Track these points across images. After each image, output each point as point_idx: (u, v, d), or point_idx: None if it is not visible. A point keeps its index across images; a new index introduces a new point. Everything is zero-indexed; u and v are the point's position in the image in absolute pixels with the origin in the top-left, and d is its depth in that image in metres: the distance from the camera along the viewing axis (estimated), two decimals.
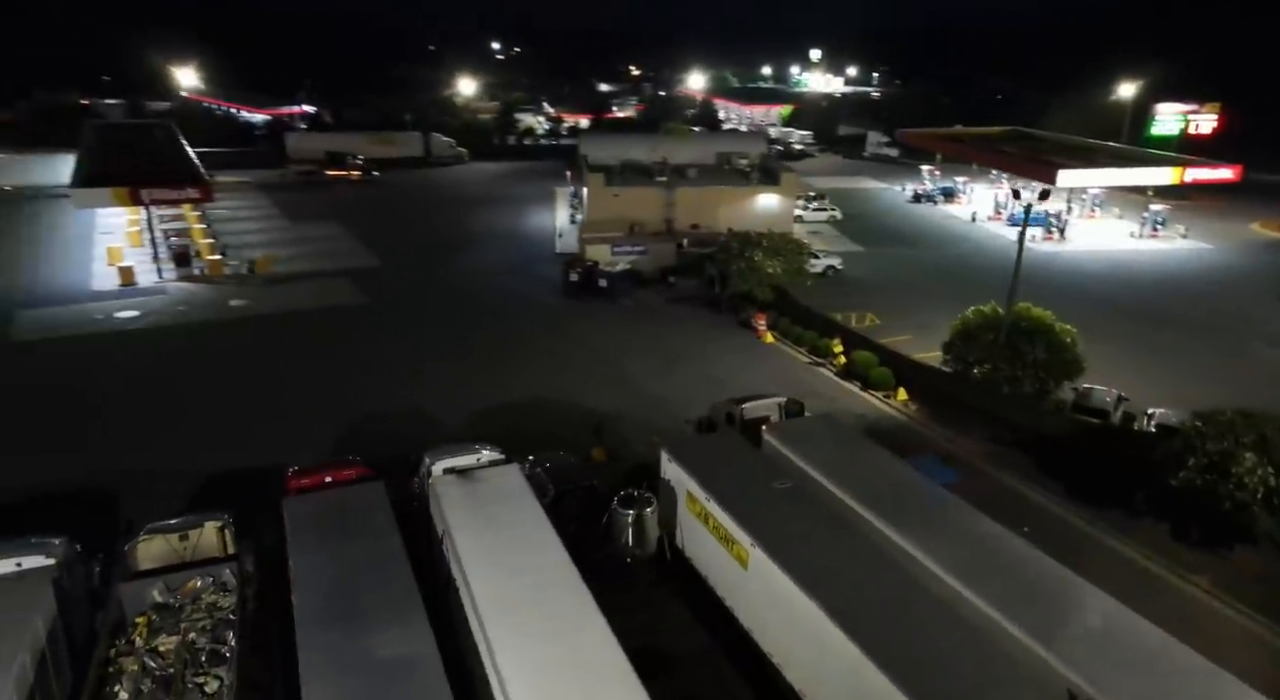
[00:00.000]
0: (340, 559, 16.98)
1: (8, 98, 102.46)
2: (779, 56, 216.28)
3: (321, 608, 15.49)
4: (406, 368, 35.59)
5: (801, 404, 27.49)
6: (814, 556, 17.75)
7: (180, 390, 33.02)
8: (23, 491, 24.92)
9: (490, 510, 19.06)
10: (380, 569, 16.75)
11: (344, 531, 17.95)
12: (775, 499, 19.99)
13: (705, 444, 23.69)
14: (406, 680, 13.89)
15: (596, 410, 31.47)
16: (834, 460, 22.02)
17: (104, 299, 43.22)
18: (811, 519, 19.24)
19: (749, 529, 18.81)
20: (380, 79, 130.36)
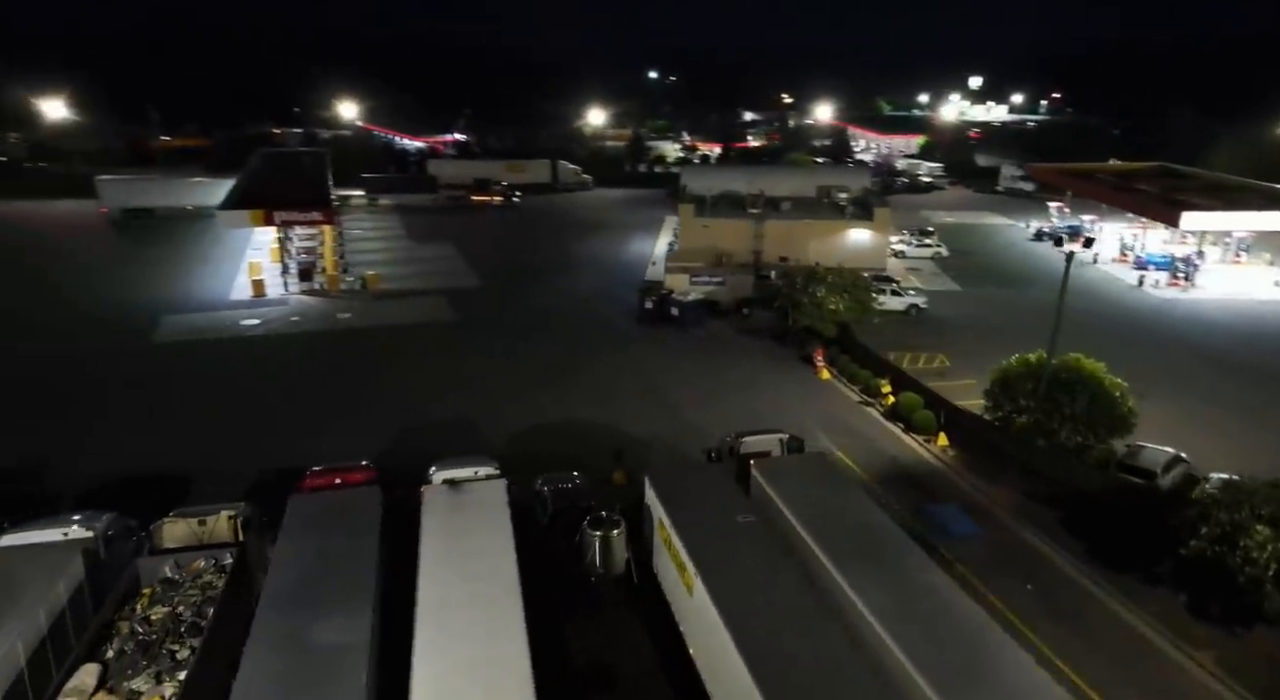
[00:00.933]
0: (316, 552, 19.34)
1: (209, 127, 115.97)
2: (941, 82, 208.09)
3: (284, 593, 17.84)
4: (467, 381, 38.38)
5: (801, 441, 27.89)
6: (745, 590, 18.52)
7: (274, 391, 37.10)
8: (126, 471, 29.15)
9: (462, 520, 21.01)
10: (347, 564, 18.96)
11: (329, 529, 20.34)
12: (732, 531, 20.80)
13: (688, 474, 24.69)
14: (332, 663, 15.86)
15: (633, 434, 33.00)
16: (809, 499, 22.51)
17: (236, 308, 48.92)
18: (758, 554, 19.94)
19: (695, 557, 19.80)
20: (527, 110, 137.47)
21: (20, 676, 16.07)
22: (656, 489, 22.85)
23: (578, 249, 66.16)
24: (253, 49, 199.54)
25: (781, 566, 19.51)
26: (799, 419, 35.08)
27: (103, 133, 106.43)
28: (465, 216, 79.29)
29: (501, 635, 16.79)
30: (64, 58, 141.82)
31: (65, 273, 55.44)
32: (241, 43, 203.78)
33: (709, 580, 18.84)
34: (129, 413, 34.59)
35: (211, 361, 40.77)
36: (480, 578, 18.65)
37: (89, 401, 35.52)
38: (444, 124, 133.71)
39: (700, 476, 24.07)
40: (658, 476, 23.61)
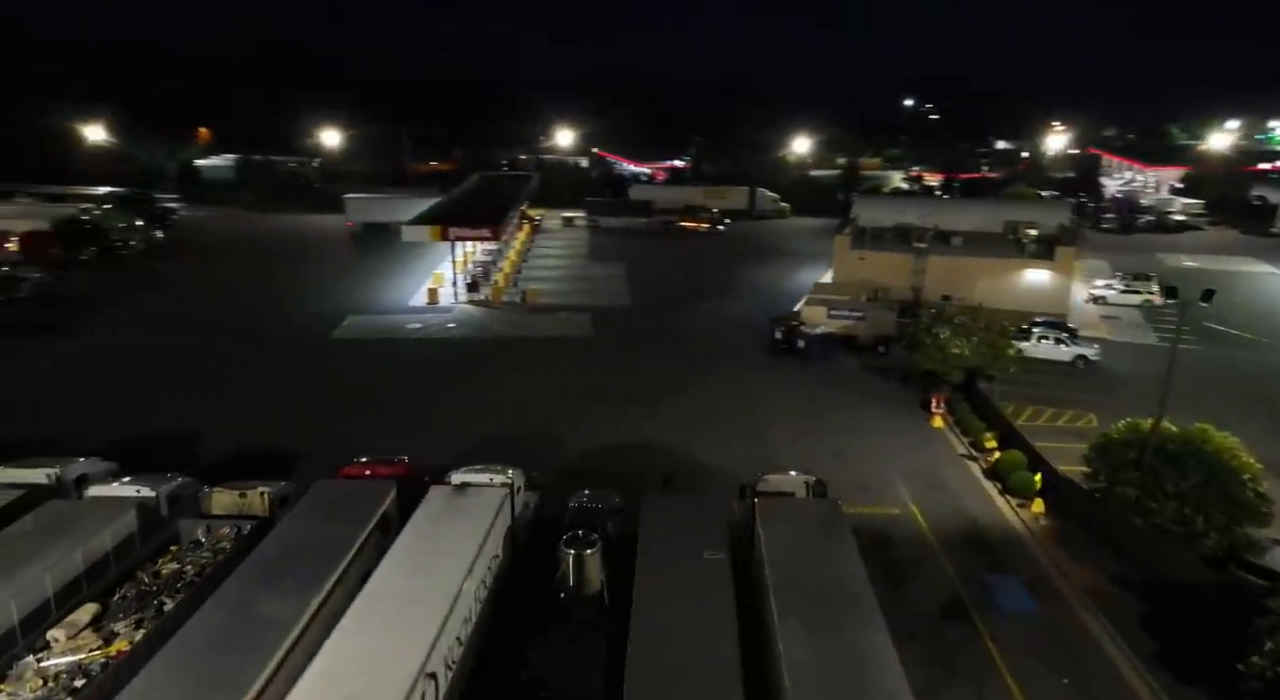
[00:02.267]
0: (306, 533, 21.50)
1: (455, 151, 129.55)
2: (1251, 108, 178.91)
3: (256, 565, 20.03)
4: (573, 393, 39.91)
5: (825, 485, 26.32)
6: (663, 625, 18.24)
7: (403, 387, 40.88)
8: (256, 445, 33.74)
9: (445, 520, 22.32)
10: (326, 547, 20.86)
11: (332, 514, 22.46)
12: (691, 566, 20.41)
13: (682, 505, 24.25)
14: (255, 634, 17.50)
15: (704, 461, 32.84)
16: (792, 544, 21.43)
17: (408, 313, 54.33)
18: (701, 592, 19.44)
19: (642, 583, 19.78)
20: (745, 138, 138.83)
21: (45, 605, 19.44)
22: (646, 515, 22.89)
23: (745, 276, 66.06)
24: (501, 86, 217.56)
25: (716, 607, 18.86)
26: (886, 466, 33.08)
27: (374, 159, 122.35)
28: (660, 241, 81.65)
29: (411, 632, 17.69)
30: (355, 98, 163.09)
31: (292, 275, 64.39)
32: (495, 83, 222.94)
33: (638, 609, 18.72)
34: (279, 396, 39.69)
35: (368, 357, 45.60)
36: (423, 573, 19.74)
37: (252, 385, 41.21)
38: (672, 151, 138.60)
39: (693, 508, 23.63)
40: (652, 504, 23.59)
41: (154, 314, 53.50)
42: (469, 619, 19.93)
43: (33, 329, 49.21)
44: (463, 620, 19.46)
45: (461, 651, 19.39)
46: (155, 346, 46.89)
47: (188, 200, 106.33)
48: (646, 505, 23.52)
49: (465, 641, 19.69)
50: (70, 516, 21.93)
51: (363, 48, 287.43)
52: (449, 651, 18.34)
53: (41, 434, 33.53)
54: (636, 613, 18.61)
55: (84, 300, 56.14)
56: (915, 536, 28.36)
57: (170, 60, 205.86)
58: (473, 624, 20.38)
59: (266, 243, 78.89)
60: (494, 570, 22.51)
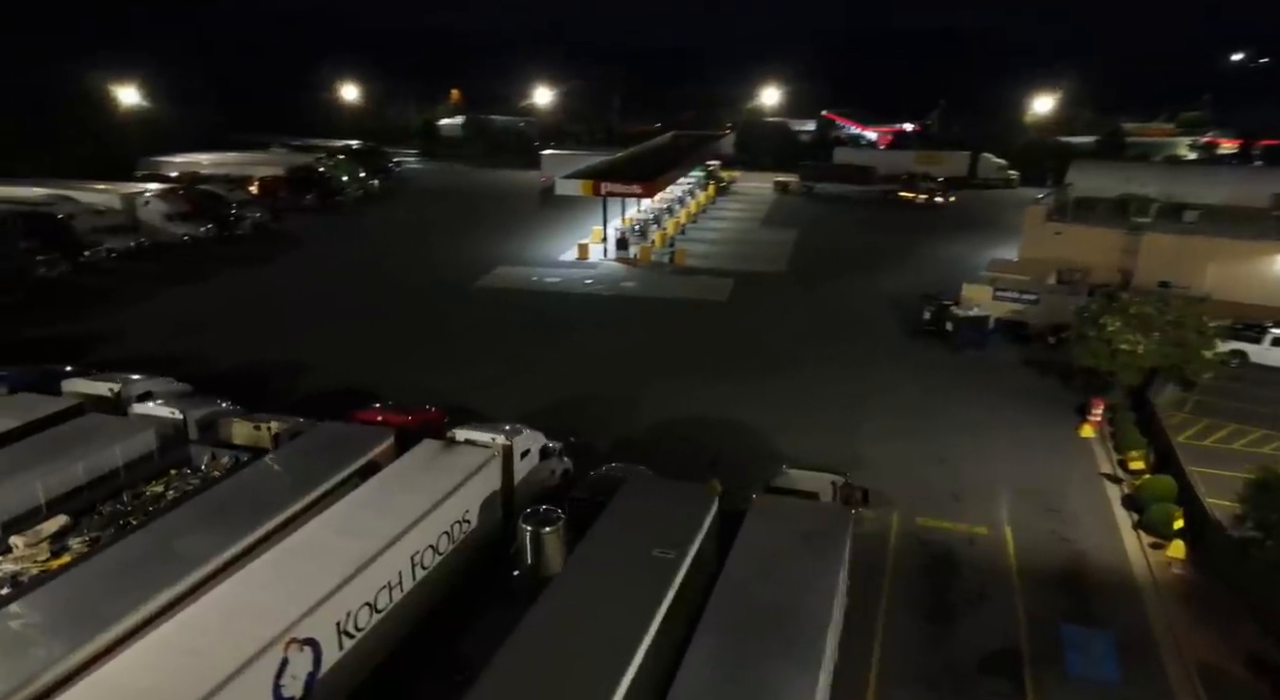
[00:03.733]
0: (276, 473, 21.19)
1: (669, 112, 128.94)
2: None
3: (210, 499, 19.92)
4: (674, 359, 37.26)
5: (864, 491, 21.78)
6: (564, 624, 15.80)
7: (515, 338, 40.31)
8: (352, 382, 34.80)
9: (411, 476, 21.08)
10: (279, 489, 20.40)
11: (309, 457, 22.03)
12: (632, 560, 17.63)
13: (664, 491, 21.05)
14: (173, 566, 17.35)
15: (778, 449, 29.23)
16: (766, 550, 17.88)
17: (555, 267, 54.07)
18: (625, 590, 16.64)
19: (564, 577, 17.44)
20: (990, 98, 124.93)
21: (35, 511, 20.48)
22: (618, 499, 20.25)
23: (934, 249, 59.08)
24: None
25: (634, 613, 15.97)
26: (995, 477, 27.60)
27: (588, 120, 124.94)
28: (863, 210, 74.97)
29: (297, 591, 16.47)
30: (573, 62, 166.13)
31: (471, 225, 66.64)
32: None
33: (538, 607, 16.37)
34: (394, 337, 40.66)
35: (495, 307, 45.69)
36: (356, 533, 18.55)
37: (376, 325, 42.62)
38: (909, 114, 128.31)
39: (674, 497, 20.50)
40: (632, 488, 20.82)
41: (330, 254, 57.44)
42: (393, 586, 18.50)
43: (233, 261, 54.63)
44: (381, 586, 18.07)
45: (379, 619, 18.05)
46: (310, 284, 50.19)
47: (425, 155, 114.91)
48: (627, 488, 20.83)
49: (389, 609, 18.33)
50: (92, 430, 23.18)
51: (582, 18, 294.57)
52: (347, 617, 17.03)
53: (179, 352, 37.09)
54: (534, 610, 16.24)
55: (286, 239, 61.64)
56: (993, 565, 23.16)
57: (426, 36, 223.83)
58: (406, 592, 18.96)
59: (466, 194, 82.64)
60: (458, 537, 20.94)
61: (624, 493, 20.57)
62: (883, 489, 26.61)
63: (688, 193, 72.81)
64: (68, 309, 44.41)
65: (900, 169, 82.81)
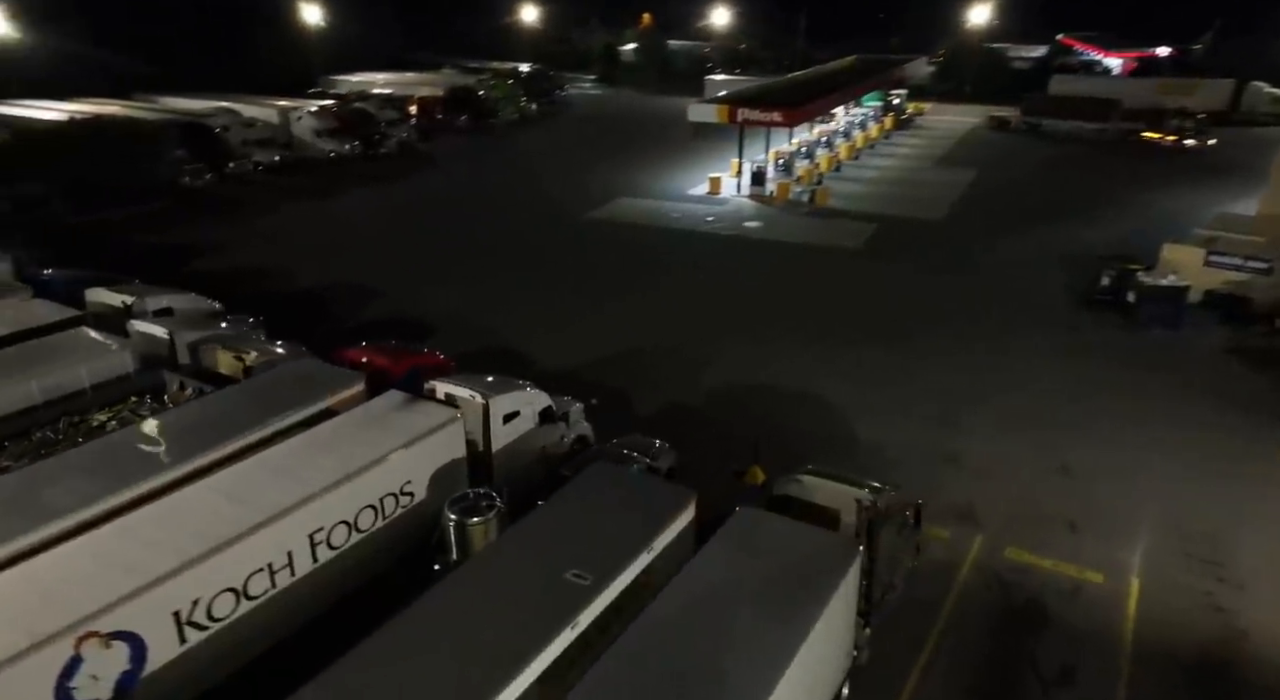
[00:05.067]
0: (215, 410, 18.70)
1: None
2: None
3: (134, 435, 17.66)
4: (767, 317, 31.81)
5: (918, 508, 15.92)
6: (410, 647, 11.98)
7: (605, 277, 36.15)
8: (417, 313, 32.45)
9: (351, 432, 17.88)
10: (211, 429, 17.80)
11: (265, 394, 19.33)
12: (542, 579, 13.42)
13: (630, 488, 16.24)
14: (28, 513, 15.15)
15: (855, 439, 23.62)
16: (711, 582, 12.99)
17: (681, 200, 49.05)
18: (513, 614, 12.53)
19: (451, 583, 13.66)
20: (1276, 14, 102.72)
21: None
22: (561, 493, 15.96)
23: (1148, 200, 48.27)
24: None
25: (494, 657, 11.83)
26: (1140, 506, 20.65)
27: (774, 44, 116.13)
28: (1094, 153, 62.08)
29: (137, 566, 13.71)
30: None
31: (611, 152, 62.62)
32: None
33: (400, 620, 12.67)
34: (481, 267, 37.77)
35: (600, 241, 41.68)
36: (248, 496, 15.55)
37: (468, 252, 39.84)
38: (1176, 37, 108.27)
39: (637, 497, 15.77)
40: (588, 480, 16.36)
41: (459, 177, 55.55)
42: (277, 569, 15.34)
43: (364, 179, 54.08)
44: (257, 568, 14.97)
45: (251, 609, 15.02)
46: (424, 206, 48.41)
47: (603, 81, 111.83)
48: (585, 474, 16.44)
49: (270, 597, 15.27)
50: (68, 347, 21.75)
51: None
52: (193, 606, 14.05)
53: (270, 266, 37.09)
54: (381, 632, 12.49)
55: (425, 160, 60.63)
56: (1097, 629, 16.78)
57: None
58: (301, 577, 15.80)
59: (623, 121, 78.62)
60: (393, 513, 17.48)
61: (575, 485, 16.20)
62: (971, 502, 20.52)
63: (855, 124, 64.63)
64: (196, 218, 45.23)
65: (1144, 102, 68.36)
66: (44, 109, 59.02)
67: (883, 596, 16.07)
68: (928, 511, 18.03)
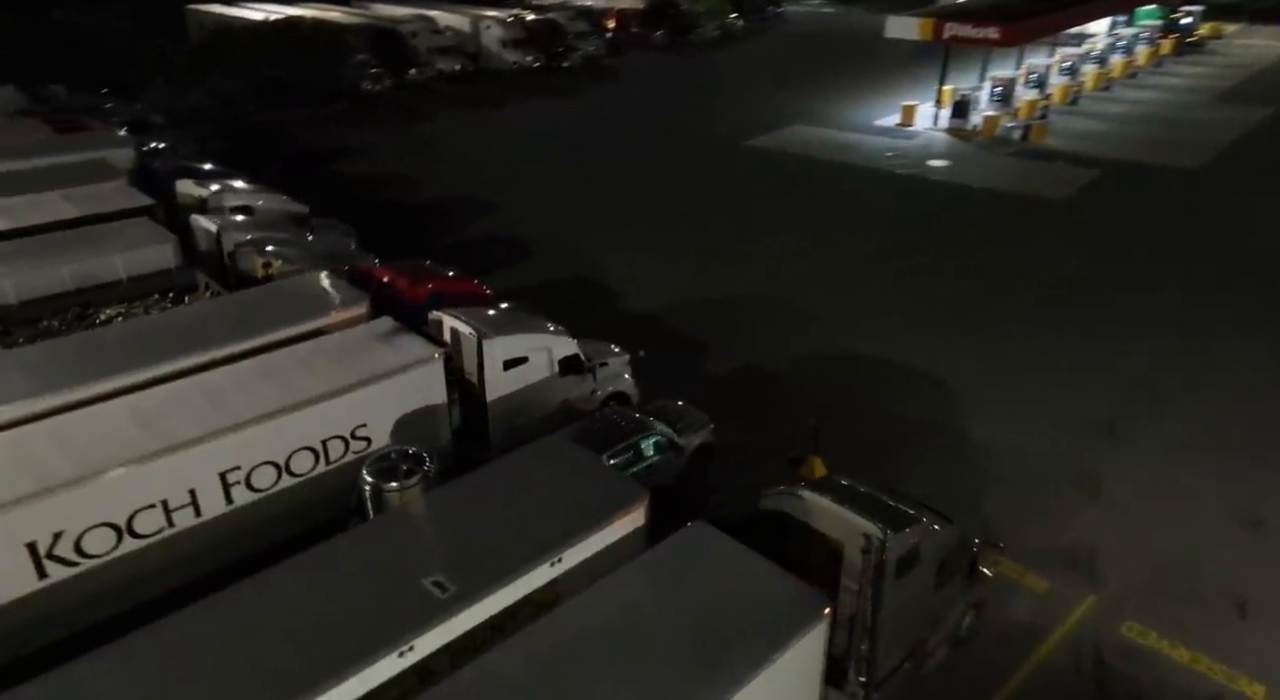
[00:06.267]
0: (213, 316, 17.44)
1: None
2: None
3: (121, 333, 16.60)
4: (900, 279, 26.18)
5: (975, 549, 11.07)
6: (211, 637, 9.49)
7: (746, 209, 31.93)
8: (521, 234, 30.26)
9: (313, 361, 15.68)
10: (199, 334, 16.31)
11: (269, 305, 17.79)
12: (398, 580, 10.46)
13: (573, 474, 12.46)
14: None
15: (966, 440, 18.43)
16: (602, 619, 9.41)
17: (862, 130, 42.61)
18: (346, 622, 9.68)
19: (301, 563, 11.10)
20: None
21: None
22: (485, 471, 12.73)
23: None
24: None
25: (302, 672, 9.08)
26: None
27: None
28: None
29: None
30: None
31: (802, 75, 56.25)
32: None
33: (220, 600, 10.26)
34: (610, 191, 34.52)
35: (752, 171, 36.96)
36: (155, 427, 13.65)
37: (604, 174, 36.59)
38: None
39: (578, 487, 12.12)
40: (526, 457, 12.96)
41: (635, 94, 52.07)
42: (175, 508, 13.44)
43: (537, 92, 52.13)
44: (146, 504, 13.13)
45: (137, 549, 13.26)
46: (586, 122, 45.52)
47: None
48: (513, 456, 13.09)
49: (164, 539, 13.47)
50: (118, 235, 21.13)
51: None
52: (55, 538, 12.41)
53: (407, 173, 36.17)
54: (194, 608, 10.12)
55: (607, 75, 57.63)
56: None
57: None
58: (206, 519, 13.85)
59: (835, 41, 70.62)
60: (339, 459, 15.08)
61: (506, 462, 12.90)
62: (1095, 547, 15.03)
63: (1116, 47, 53.42)
64: (362, 122, 45.33)
65: None
66: (251, 9, 61.49)
67: (900, 666, 11.65)
68: (1024, 550, 13.11)
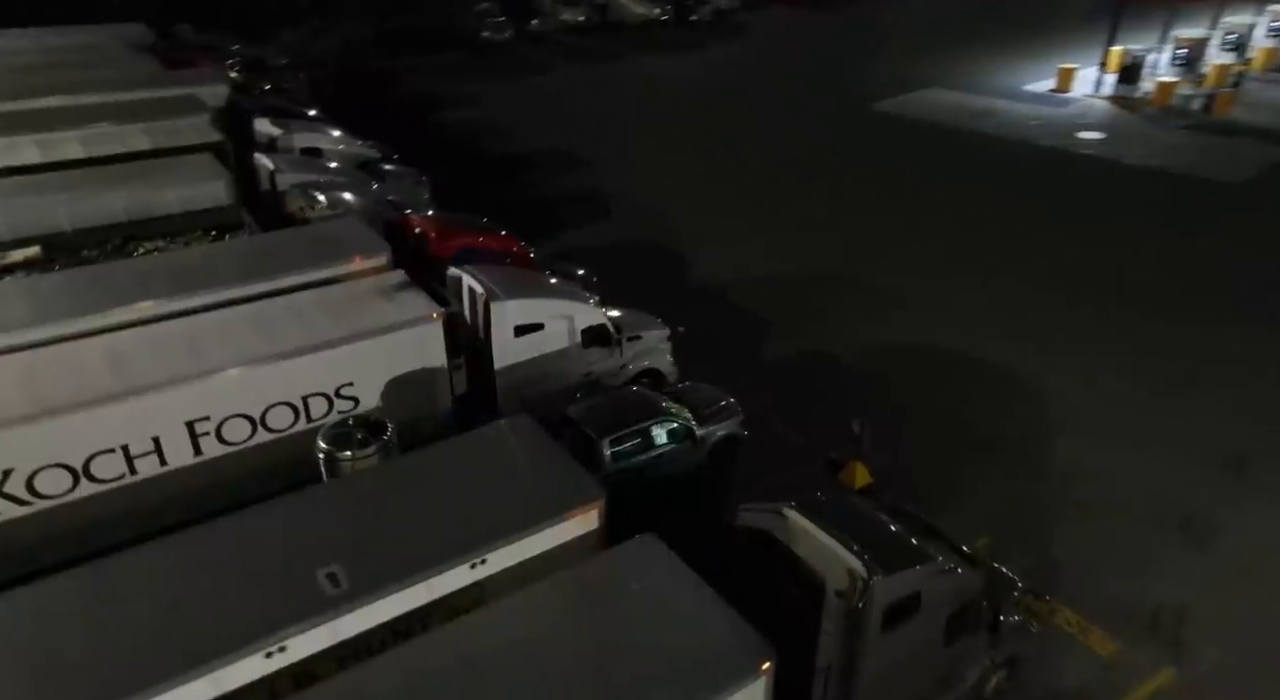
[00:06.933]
0: (230, 258, 16.84)
1: None
2: None
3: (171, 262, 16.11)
4: (1009, 280, 22.74)
5: (996, 605, 8.68)
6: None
7: (837, 181, 29.17)
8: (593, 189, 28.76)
9: (305, 311, 14.71)
10: (201, 279, 15.63)
11: (282, 252, 16.92)
12: (283, 570, 9.22)
13: (525, 462, 10.68)
14: None
15: (1051, 455, 15.57)
16: (543, 609, 7.80)
17: (1007, 96, 38.06)
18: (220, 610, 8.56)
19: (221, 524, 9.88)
20: None
21: (59, 236, 18.97)
22: (450, 443, 11.26)
23: None
24: None
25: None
26: None
27: None
28: None
29: None
30: None
31: (957, 35, 51.18)
32: None
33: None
34: (704, 156, 32.29)
35: (872, 139, 33.70)
36: (129, 368, 12.96)
37: (696, 139, 34.31)
38: None
39: (528, 472, 10.43)
40: (497, 431, 11.39)
41: (761, 52, 49.06)
42: (138, 455, 12.74)
43: (655, 47, 49.90)
44: (104, 448, 12.48)
45: (94, 493, 12.67)
46: (702, 80, 43.10)
47: None
48: (458, 439, 11.50)
49: (122, 485, 12.83)
50: (178, 169, 20.80)
51: None
52: (11, 474, 11.94)
53: (497, 126, 35.31)
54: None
55: (734, 31, 54.73)
56: None
57: None
58: (170, 469, 13.11)
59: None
60: (321, 417, 14.02)
61: (457, 443, 11.40)
62: (1185, 609, 12.09)
63: None
64: (474, 71, 44.72)
65: None
66: None
67: None
68: (1095, 600, 10.56)
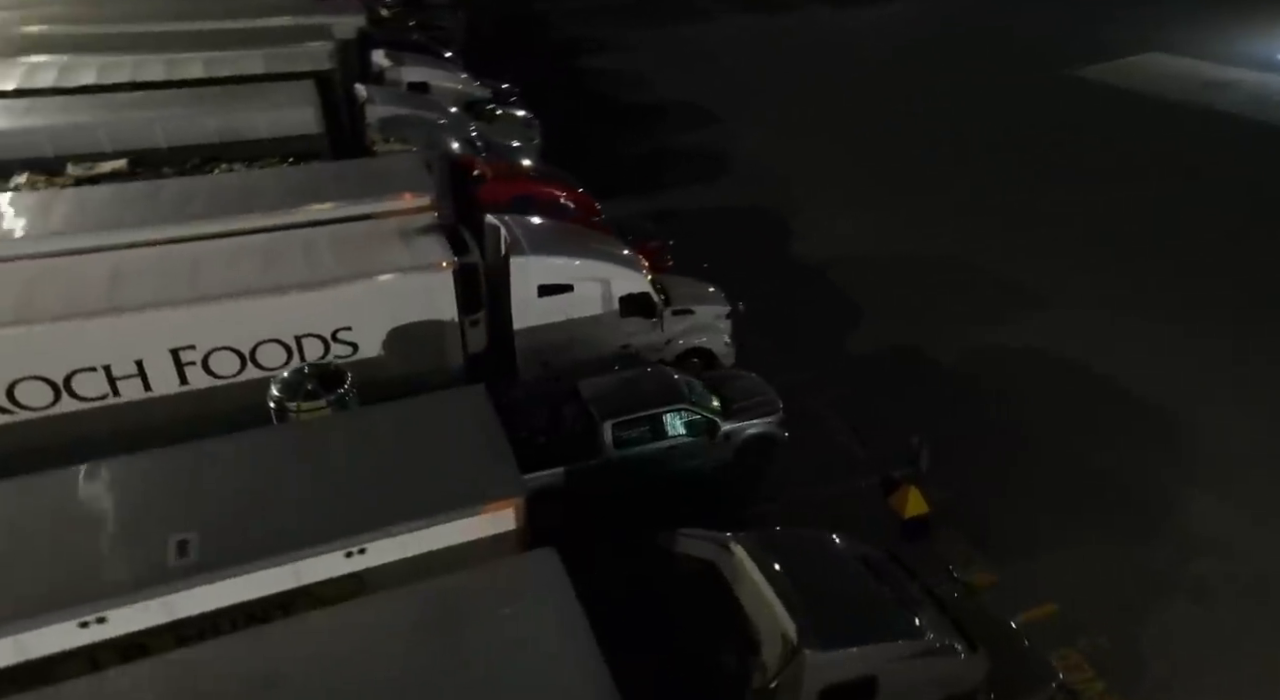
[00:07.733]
0: (303, 182, 16.49)
1: None
2: None
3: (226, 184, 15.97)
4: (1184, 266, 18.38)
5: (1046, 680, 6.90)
6: None
7: (1010, 163, 25.16)
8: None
9: (316, 248, 13.81)
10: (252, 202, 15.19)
11: (330, 184, 16.22)
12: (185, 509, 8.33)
13: (466, 438, 8.97)
14: None
15: (1123, 491, 12.28)
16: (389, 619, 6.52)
17: (1250, 66, 31.48)
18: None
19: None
20: None
21: (152, 152, 19.22)
22: (391, 407, 9.93)
23: None
24: None
25: None
26: None
27: None
28: None
29: None
30: None
31: None
32: None
33: None
34: (855, 124, 28.90)
35: (1068, 112, 28.67)
36: (131, 293, 12.52)
37: (847, 102, 30.71)
38: None
39: (456, 453, 8.84)
40: (444, 400, 9.88)
41: (943, 5, 43.55)
42: (121, 378, 12.34)
43: None
44: (80, 366, 12.16)
45: (81, 410, 12.40)
46: (875, 28, 39.04)
47: None
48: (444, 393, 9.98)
49: (99, 408, 12.51)
50: (273, 95, 20.58)
51: None
52: None
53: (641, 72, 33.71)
54: None
55: None
56: None
57: None
58: (152, 396, 12.65)
59: None
60: (323, 359, 13.13)
61: (389, 408, 10.00)
62: None
63: None
64: (637, 17, 42.31)
65: None
66: None
67: None
68: None
